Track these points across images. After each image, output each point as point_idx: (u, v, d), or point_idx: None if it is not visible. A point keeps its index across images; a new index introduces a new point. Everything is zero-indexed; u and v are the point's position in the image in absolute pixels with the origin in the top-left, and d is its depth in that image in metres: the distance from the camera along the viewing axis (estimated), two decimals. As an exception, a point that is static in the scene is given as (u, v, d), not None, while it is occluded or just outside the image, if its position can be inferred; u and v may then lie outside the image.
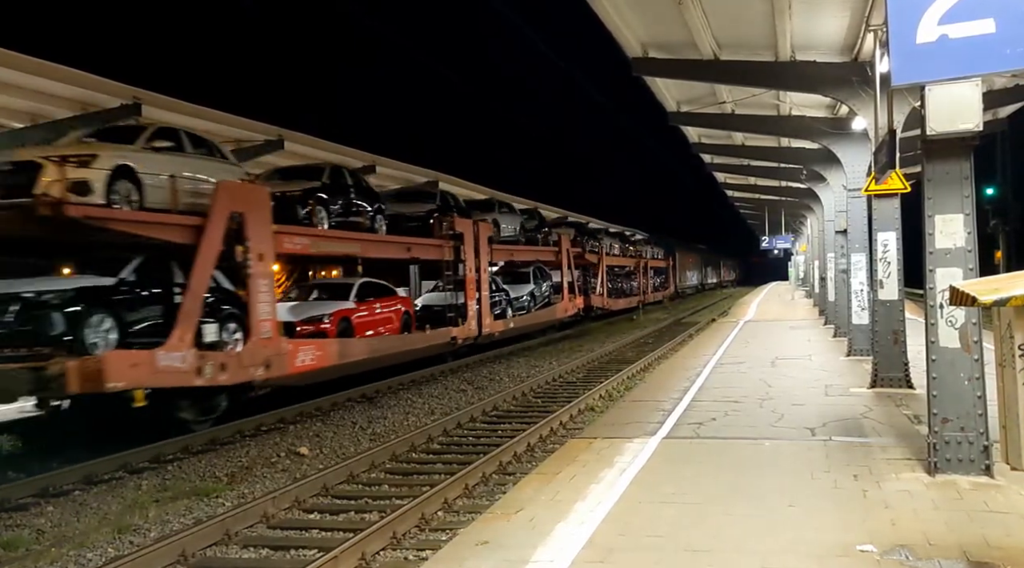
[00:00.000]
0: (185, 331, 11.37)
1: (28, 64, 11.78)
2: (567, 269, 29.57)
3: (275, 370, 13.05)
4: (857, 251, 14.90)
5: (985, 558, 5.04)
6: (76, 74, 12.46)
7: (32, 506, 8.79)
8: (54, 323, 10.09)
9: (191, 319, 11.53)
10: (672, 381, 13.48)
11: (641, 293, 44.47)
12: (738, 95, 15.18)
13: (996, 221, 35.62)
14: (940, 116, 6.44)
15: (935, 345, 6.81)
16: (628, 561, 5.22)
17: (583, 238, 34.32)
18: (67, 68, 12.39)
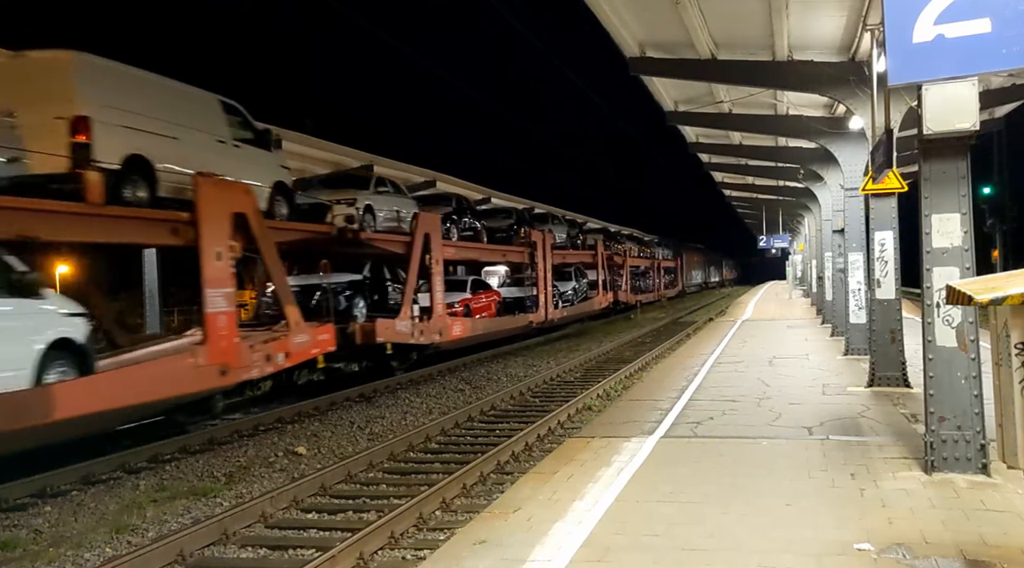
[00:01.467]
0: (407, 309, 17.40)
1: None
2: (601, 269, 35.34)
3: (444, 336, 19.04)
4: (854, 250, 14.91)
5: (982, 556, 5.05)
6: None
7: (30, 506, 8.78)
8: (340, 303, 16.26)
9: (410, 301, 17.65)
10: (670, 380, 13.50)
11: (655, 290, 50.90)
12: (735, 95, 15.19)
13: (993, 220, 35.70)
14: (937, 115, 6.45)
15: (932, 344, 6.83)
16: (626, 560, 5.23)
17: (610, 242, 39.40)
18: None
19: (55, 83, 10.12)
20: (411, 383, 17.25)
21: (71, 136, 9.84)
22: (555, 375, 17.94)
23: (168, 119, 11.44)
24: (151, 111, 11.13)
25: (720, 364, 15.36)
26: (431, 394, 15.87)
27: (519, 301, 26.22)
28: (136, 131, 10.78)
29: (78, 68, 10.29)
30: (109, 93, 10.49)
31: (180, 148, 11.60)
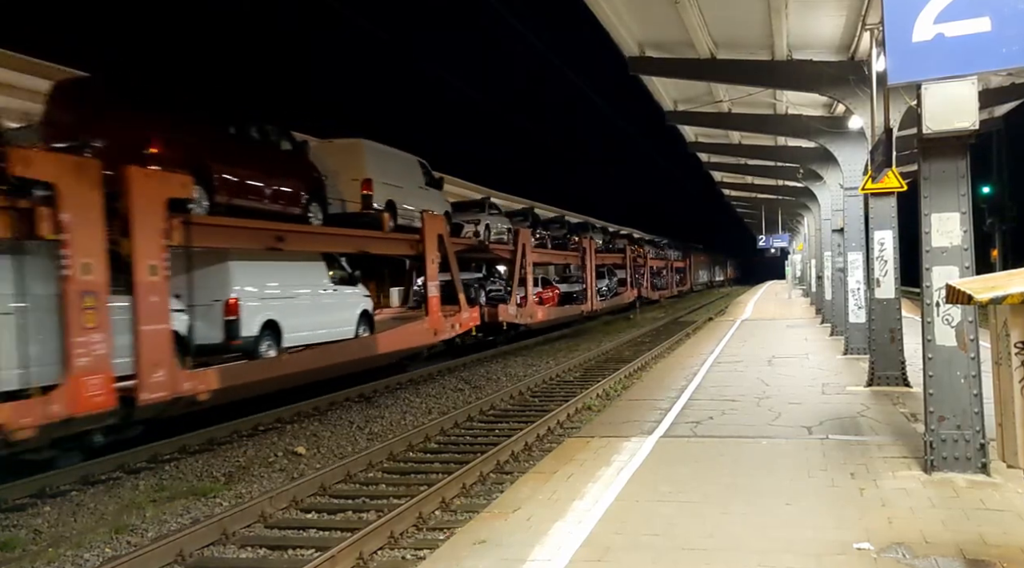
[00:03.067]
0: (513, 298, 24.22)
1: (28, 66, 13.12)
2: (628, 269, 42.28)
3: (532, 319, 25.69)
4: (854, 250, 14.90)
5: (982, 556, 5.05)
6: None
7: (29, 506, 8.78)
8: (471, 293, 21.71)
9: (516, 292, 24.36)
10: (669, 380, 13.49)
11: (669, 287, 57.00)
12: (735, 94, 15.18)
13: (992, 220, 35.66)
14: (936, 115, 6.45)
15: (932, 343, 6.82)
16: (625, 560, 5.23)
17: (633, 246, 45.68)
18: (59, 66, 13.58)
19: (351, 158, 16.56)
20: (410, 383, 17.25)
21: (361, 190, 16.35)
22: (554, 375, 17.94)
23: (401, 176, 18.21)
24: (394, 172, 17.86)
25: (720, 364, 15.36)
26: (430, 394, 15.86)
27: (570, 295, 32.54)
28: (390, 185, 17.26)
29: (365, 149, 16.90)
30: (378, 164, 17.11)
31: (406, 194, 18.13)
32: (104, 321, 9.53)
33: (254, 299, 13.16)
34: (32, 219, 8.94)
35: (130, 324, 10.07)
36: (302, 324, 14.24)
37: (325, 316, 15.10)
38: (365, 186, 16.33)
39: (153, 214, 10.42)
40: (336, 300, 15.65)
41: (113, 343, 9.68)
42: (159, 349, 10.43)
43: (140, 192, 10.25)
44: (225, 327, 12.40)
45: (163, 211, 10.56)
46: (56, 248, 9.12)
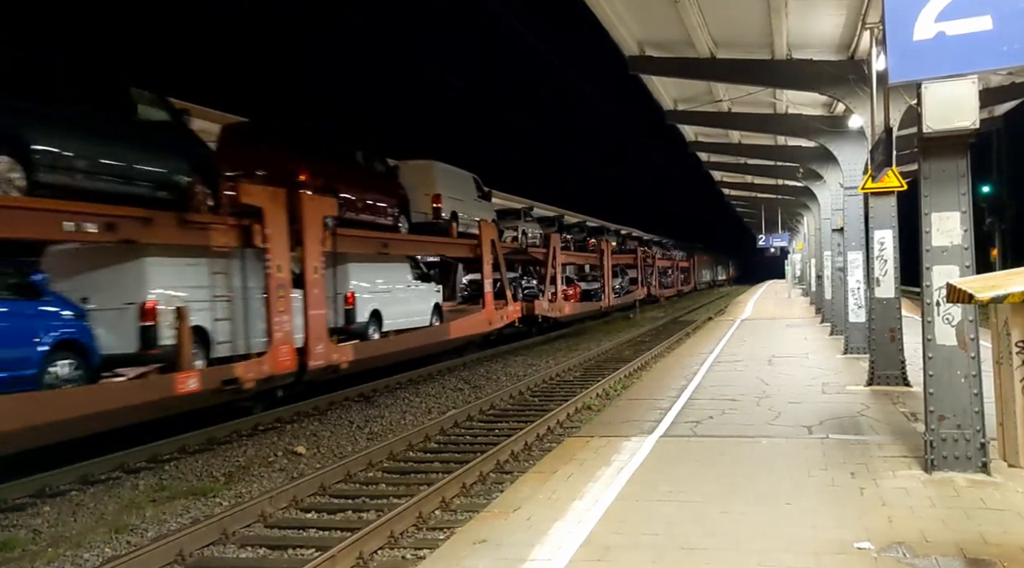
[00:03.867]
0: (547, 293, 27.14)
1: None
2: (638, 269, 45.18)
3: (560, 313, 28.61)
4: (854, 249, 14.90)
5: (982, 555, 5.04)
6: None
7: (29, 506, 8.77)
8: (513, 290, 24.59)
9: (548, 289, 27.37)
10: (669, 379, 13.49)
11: (674, 286, 60.23)
12: (735, 93, 15.17)
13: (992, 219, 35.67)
14: (937, 114, 6.44)
15: (932, 342, 6.82)
16: (625, 559, 5.22)
17: (642, 248, 48.85)
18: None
19: (424, 177, 19.51)
20: (410, 382, 17.24)
21: (432, 204, 19.43)
22: (554, 374, 17.94)
23: (461, 191, 21.44)
24: (456, 188, 21.09)
25: (719, 363, 15.35)
26: (430, 393, 15.86)
27: (589, 292, 35.12)
28: (453, 199, 20.47)
29: (435, 169, 20.09)
30: (445, 181, 20.30)
31: (465, 206, 21.39)
32: (289, 307, 12.78)
33: (365, 292, 16.33)
34: (250, 233, 12.11)
35: (301, 309, 13.25)
36: (396, 313, 17.45)
37: (410, 307, 18.42)
38: (436, 200, 19.60)
39: (316, 228, 13.52)
40: (417, 294, 18.97)
41: (293, 323, 12.88)
42: (320, 328, 13.69)
43: (308, 211, 13.26)
44: (345, 314, 15.44)
45: (321, 225, 13.66)
46: (263, 254, 12.39)
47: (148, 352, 10.67)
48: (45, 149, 9.19)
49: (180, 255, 11.40)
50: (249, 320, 12.32)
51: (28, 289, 9.75)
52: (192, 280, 11.59)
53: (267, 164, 13.44)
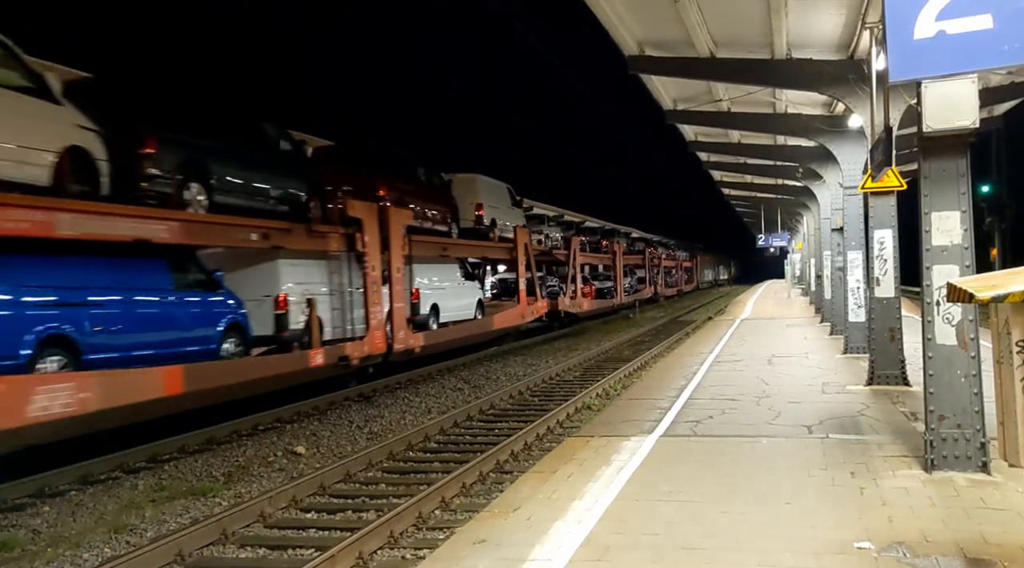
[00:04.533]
0: (569, 291, 30.46)
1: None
2: (646, 269, 48.64)
3: (580, 308, 31.68)
4: (853, 249, 14.90)
5: (982, 555, 5.04)
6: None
7: (28, 506, 8.76)
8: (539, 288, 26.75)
9: (569, 287, 30.66)
10: (669, 379, 13.49)
11: (678, 285, 63.22)
12: (734, 93, 15.17)
13: (992, 219, 35.65)
14: (937, 113, 6.44)
15: (932, 342, 6.81)
16: (625, 559, 5.22)
17: (650, 249, 52.03)
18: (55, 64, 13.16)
19: (469, 188, 22.32)
20: (410, 382, 17.23)
21: (475, 212, 22.07)
22: (554, 374, 17.93)
23: (499, 200, 24.26)
24: (495, 197, 23.95)
25: (719, 363, 15.35)
26: (430, 393, 15.85)
27: (602, 291, 37.81)
28: (492, 207, 23.21)
29: (478, 181, 22.86)
30: (486, 191, 23.09)
31: (502, 213, 24.17)
32: (380, 300, 15.77)
33: (426, 289, 18.97)
34: (353, 240, 15.07)
35: (387, 302, 16.15)
36: (449, 307, 20.32)
37: (460, 301, 21.29)
38: (478, 208, 22.25)
39: (398, 235, 16.44)
40: (465, 290, 21.91)
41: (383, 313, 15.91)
42: (401, 318, 16.72)
43: (393, 222, 16.20)
44: (411, 307, 17.65)
45: (402, 233, 16.60)
46: (362, 256, 15.30)
47: (281, 334, 13.63)
48: (219, 177, 11.88)
49: (303, 257, 14.26)
50: (352, 310, 15.26)
51: (211, 284, 12.29)
52: (311, 277, 14.53)
53: (352, 181, 16.04)
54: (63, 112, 9.50)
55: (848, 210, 14.80)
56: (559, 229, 33.65)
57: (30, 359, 8.92)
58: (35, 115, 9.12)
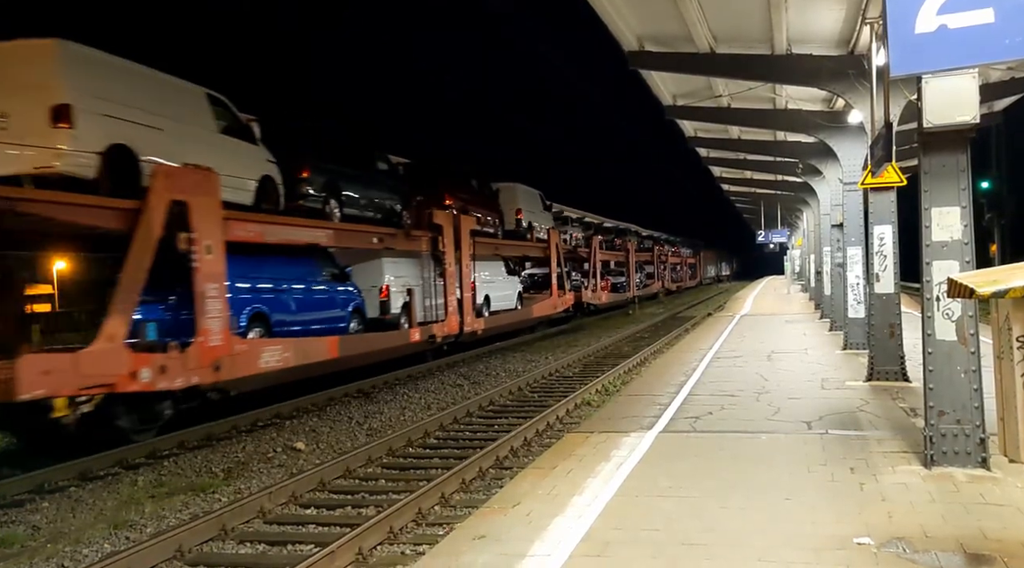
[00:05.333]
0: (590, 285, 34.35)
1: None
2: (656, 265, 52.66)
3: (600, 301, 35.54)
4: (853, 245, 14.89)
5: (982, 550, 5.04)
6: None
7: (27, 502, 8.75)
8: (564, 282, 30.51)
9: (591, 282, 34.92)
10: (668, 375, 13.49)
11: (683, 280, 67.15)
12: (734, 89, 15.15)
13: (991, 215, 35.66)
14: (937, 108, 6.43)
15: (932, 338, 6.81)
16: (625, 555, 5.22)
17: (658, 246, 55.51)
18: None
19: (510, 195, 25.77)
20: (409, 379, 17.23)
21: (515, 216, 25.63)
22: (554, 370, 17.93)
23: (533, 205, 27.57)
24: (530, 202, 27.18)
25: (719, 359, 15.35)
26: (429, 389, 15.85)
27: (616, 285, 41.16)
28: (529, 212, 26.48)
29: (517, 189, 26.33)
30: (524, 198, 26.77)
31: (536, 217, 27.49)
32: (454, 289, 19.60)
33: (480, 282, 22.32)
34: (436, 242, 19.14)
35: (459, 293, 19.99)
36: (498, 297, 24.09)
37: (505, 293, 25.10)
38: (518, 213, 25.70)
39: (467, 238, 20.32)
40: (508, 284, 25.72)
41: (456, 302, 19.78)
42: (468, 306, 20.58)
43: (463, 227, 20.17)
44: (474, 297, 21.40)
45: (469, 236, 20.57)
46: (442, 256, 19.25)
47: (384, 317, 17.59)
48: (347, 193, 15.57)
49: (399, 256, 18.19)
50: (435, 298, 19.15)
51: (343, 276, 15.92)
52: (405, 272, 18.56)
53: (424, 193, 19.21)
54: (259, 151, 13.11)
55: (848, 206, 14.79)
56: (580, 229, 37.16)
57: (244, 330, 12.50)
58: (245, 154, 12.76)
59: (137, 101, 10.63)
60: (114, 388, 9.93)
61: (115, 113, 10.18)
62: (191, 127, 11.74)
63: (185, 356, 10.81)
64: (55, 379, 9.23)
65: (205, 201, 11.24)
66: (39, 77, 9.62)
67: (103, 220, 10.05)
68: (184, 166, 10.96)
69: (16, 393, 8.82)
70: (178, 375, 10.68)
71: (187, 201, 10.84)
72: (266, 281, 13.44)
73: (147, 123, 10.71)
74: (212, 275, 11.35)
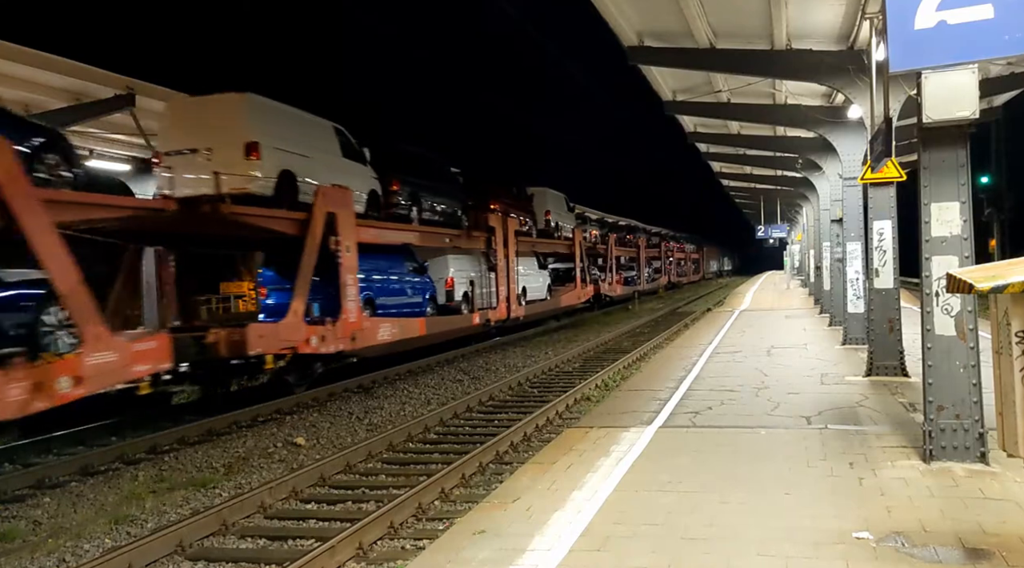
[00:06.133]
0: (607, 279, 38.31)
1: (22, 55, 12.34)
2: (663, 260, 56.09)
3: (615, 293, 39.14)
4: (853, 240, 14.89)
5: (980, 545, 5.05)
6: (70, 64, 13.31)
7: (28, 497, 8.78)
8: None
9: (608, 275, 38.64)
10: (668, 370, 13.51)
11: (687, 275, 70.70)
12: (734, 84, 15.13)
13: (991, 210, 35.65)
14: (937, 103, 6.42)
15: (931, 333, 6.82)
16: (624, 549, 5.24)
17: (665, 242, 58.68)
18: (61, 58, 13.04)
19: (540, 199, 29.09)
20: (409, 374, 17.26)
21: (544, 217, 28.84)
22: (553, 365, 17.95)
23: (559, 206, 30.80)
24: (556, 204, 30.38)
25: (718, 354, 15.37)
26: (429, 385, 15.87)
27: (628, 279, 44.05)
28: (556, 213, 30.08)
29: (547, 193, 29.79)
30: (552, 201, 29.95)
31: (562, 217, 30.78)
32: (503, 281, 22.93)
33: (519, 276, 24.94)
34: (490, 242, 22.33)
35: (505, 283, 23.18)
36: (532, 288, 27.00)
37: (537, 284, 27.94)
38: (547, 214, 28.92)
39: (512, 237, 23.70)
40: (540, 277, 28.69)
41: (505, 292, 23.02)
42: (513, 296, 23.90)
43: (510, 229, 23.51)
44: None
45: (514, 236, 23.85)
46: (493, 252, 22.52)
47: (449, 304, 20.78)
48: (425, 201, 18.72)
49: (461, 253, 21.53)
50: (488, 288, 22.82)
51: (422, 270, 19.37)
52: (466, 266, 22.12)
53: (473, 198, 22.15)
54: (368, 170, 16.36)
55: (847, 201, 14.80)
56: (597, 227, 41.02)
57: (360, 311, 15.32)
58: (360, 173, 15.91)
59: (294, 136, 13.71)
60: (297, 349, 13.32)
61: (283, 146, 13.26)
62: (326, 154, 14.79)
63: (336, 328, 14.19)
64: (266, 341, 12.64)
65: (346, 212, 14.47)
66: (235, 121, 12.72)
67: (286, 227, 13.29)
68: (332, 186, 14.22)
69: (246, 350, 12.20)
70: (332, 343, 14.10)
71: (336, 212, 14.12)
72: (373, 272, 16.79)
73: (300, 153, 13.73)
74: (350, 268, 14.66)
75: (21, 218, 8.86)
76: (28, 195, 9.04)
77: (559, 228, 30.26)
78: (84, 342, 9.61)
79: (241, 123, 12.65)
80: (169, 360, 11.08)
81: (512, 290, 23.66)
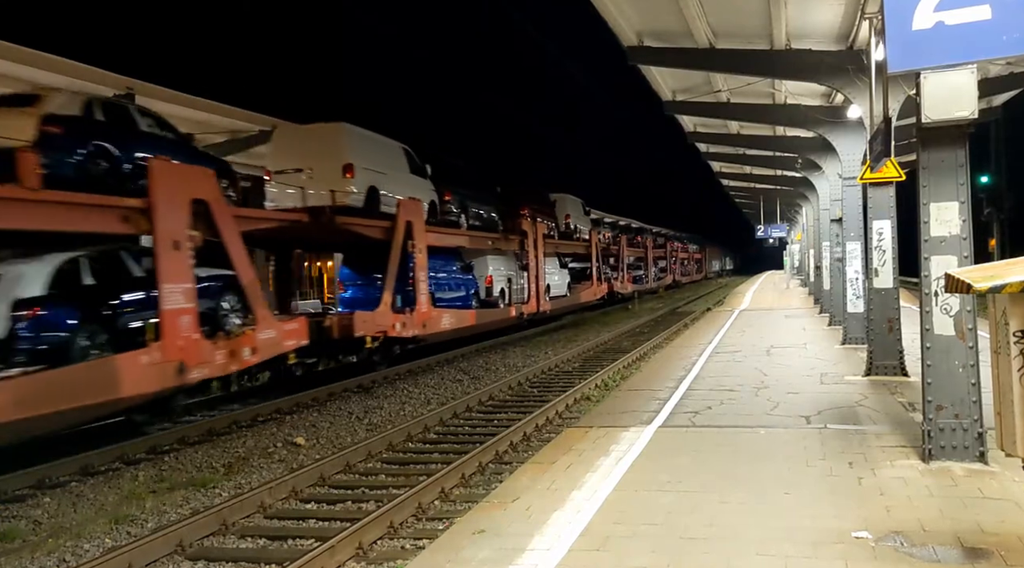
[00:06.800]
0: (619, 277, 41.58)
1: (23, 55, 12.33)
2: (668, 260, 58.86)
3: (625, 290, 42.13)
4: (852, 240, 14.90)
5: (979, 544, 5.07)
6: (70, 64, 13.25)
7: (29, 497, 8.79)
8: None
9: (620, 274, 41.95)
10: (668, 370, 13.51)
11: (691, 274, 73.76)
12: (733, 84, 15.14)
13: (990, 209, 35.66)
14: (936, 104, 6.43)
15: (930, 333, 6.83)
16: (624, 548, 5.24)
17: (671, 243, 61.95)
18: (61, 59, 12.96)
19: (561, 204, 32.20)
20: (409, 374, 17.26)
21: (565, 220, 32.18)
22: (553, 365, 17.95)
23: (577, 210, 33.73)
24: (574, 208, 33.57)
25: (718, 354, 15.37)
26: (429, 384, 15.88)
27: (636, 277, 46.54)
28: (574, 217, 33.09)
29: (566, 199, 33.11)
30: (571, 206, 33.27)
31: (579, 220, 33.74)
32: (534, 279, 26.01)
33: (545, 274, 27.53)
34: (523, 244, 25.50)
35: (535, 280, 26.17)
36: (555, 286, 29.51)
37: (559, 282, 30.36)
38: (567, 218, 31.95)
39: (541, 240, 26.51)
40: (561, 275, 31.12)
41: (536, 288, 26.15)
42: (542, 292, 26.72)
43: (539, 232, 26.38)
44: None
45: (543, 238, 26.83)
46: (525, 253, 25.75)
47: (488, 299, 23.64)
48: (471, 209, 21.76)
49: (498, 253, 24.54)
50: (521, 284, 25.66)
51: (468, 268, 22.20)
52: (502, 265, 25.00)
53: (506, 204, 25.04)
54: (428, 183, 19.21)
55: (847, 201, 14.81)
56: (609, 229, 44.03)
57: None
58: (423, 186, 18.88)
59: (376, 157, 16.80)
60: (387, 333, 16.58)
61: (370, 166, 16.28)
62: (398, 171, 17.81)
63: (412, 317, 17.53)
64: (367, 326, 15.84)
65: (418, 220, 17.87)
66: (334, 146, 15.77)
67: (376, 233, 16.54)
68: (409, 198, 17.57)
69: (353, 332, 15.35)
70: (410, 328, 17.44)
71: (412, 220, 17.50)
72: (432, 270, 19.11)
73: (380, 170, 16.78)
74: (422, 267, 18.08)
75: (222, 229, 11.93)
76: (225, 212, 12.11)
77: (577, 231, 33.15)
78: (257, 322, 12.92)
79: (339, 148, 15.71)
80: (307, 338, 14.29)
81: (540, 287, 26.68)
